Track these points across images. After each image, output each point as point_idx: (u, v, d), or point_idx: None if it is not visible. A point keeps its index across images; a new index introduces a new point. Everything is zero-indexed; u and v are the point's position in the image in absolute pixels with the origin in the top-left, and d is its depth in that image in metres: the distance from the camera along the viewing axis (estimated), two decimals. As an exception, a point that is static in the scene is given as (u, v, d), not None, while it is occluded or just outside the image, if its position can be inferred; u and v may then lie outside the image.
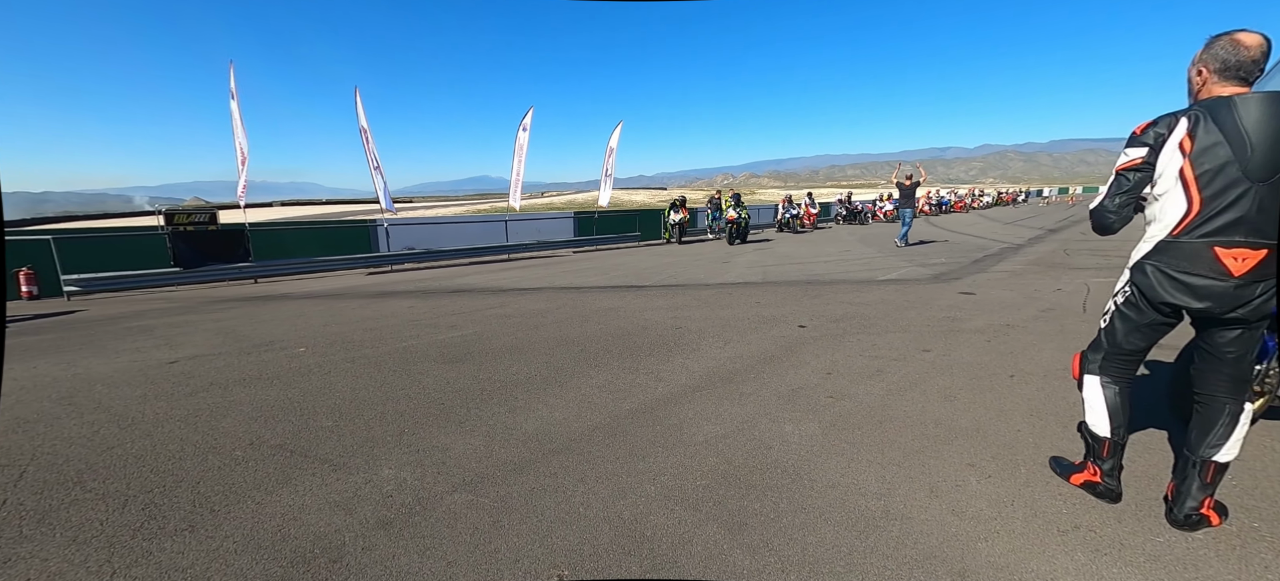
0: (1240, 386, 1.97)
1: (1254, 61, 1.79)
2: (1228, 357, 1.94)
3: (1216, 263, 1.80)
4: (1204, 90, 1.87)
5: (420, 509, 2.32)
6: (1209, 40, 1.87)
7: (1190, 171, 1.80)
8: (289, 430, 3.18)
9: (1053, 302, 6.21)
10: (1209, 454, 2.00)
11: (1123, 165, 1.99)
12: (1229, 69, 1.81)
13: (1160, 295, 1.92)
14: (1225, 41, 1.82)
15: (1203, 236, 1.82)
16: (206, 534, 2.19)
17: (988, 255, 11.34)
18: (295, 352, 4.93)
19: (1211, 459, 2.00)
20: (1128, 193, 1.99)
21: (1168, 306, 1.94)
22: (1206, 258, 1.82)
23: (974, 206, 38.23)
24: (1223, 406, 1.98)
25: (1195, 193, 1.81)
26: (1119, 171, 2.00)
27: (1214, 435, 1.99)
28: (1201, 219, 1.81)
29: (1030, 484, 2.40)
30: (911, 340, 4.77)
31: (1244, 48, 1.78)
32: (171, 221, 10.25)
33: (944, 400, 3.38)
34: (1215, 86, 1.84)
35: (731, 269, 10.68)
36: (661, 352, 4.61)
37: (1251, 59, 1.78)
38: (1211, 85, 1.85)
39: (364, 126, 12.21)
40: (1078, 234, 15.61)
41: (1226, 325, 1.90)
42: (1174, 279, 1.89)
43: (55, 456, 2.92)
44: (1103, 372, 2.19)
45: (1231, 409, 1.97)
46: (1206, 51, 1.86)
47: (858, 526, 2.11)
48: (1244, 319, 1.85)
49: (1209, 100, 1.82)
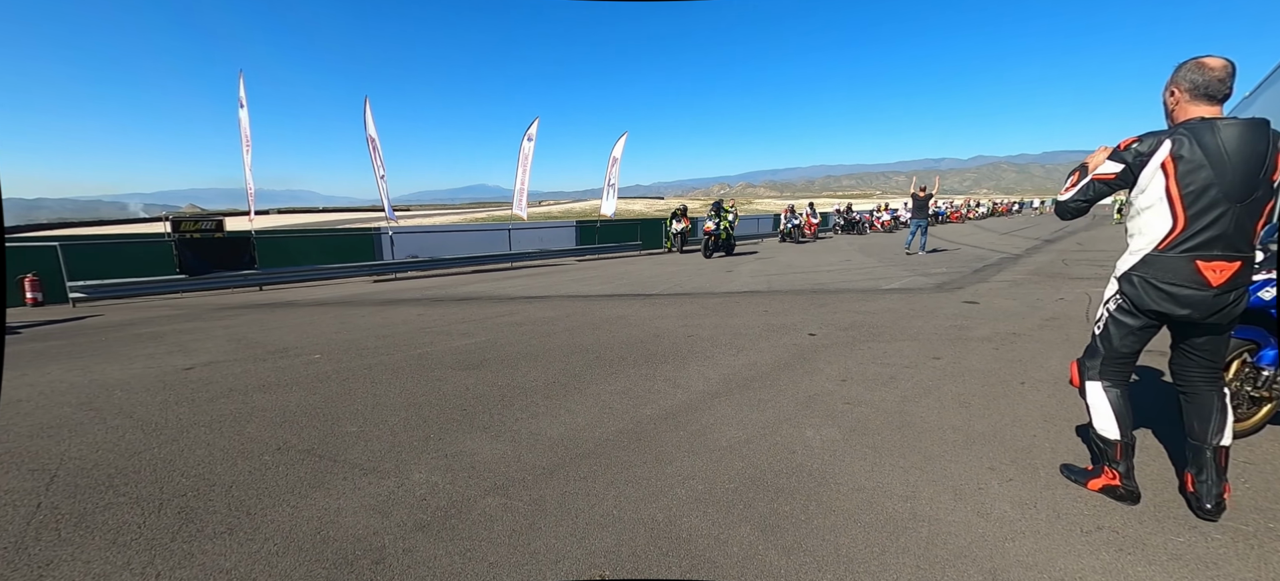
0: (1216, 375, 2.18)
1: (1220, 82, 1.95)
2: (1204, 354, 2.14)
3: (1197, 274, 1.97)
4: (1178, 110, 2.05)
5: (455, 512, 2.36)
6: (1178, 66, 2.05)
7: (1176, 191, 1.96)
8: (315, 435, 3.21)
9: (1056, 312, 6.30)
10: (1217, 440, 2.15)
11: (1099, 175, 2.17)
12: (1198, 89, 1.97)
13: (1147, 304, 2.09)
14: (1192, 65, 1.99)
15: (1186, 251, 1.99)
16: (246, 536, 2.22)
17: (987, 265, 11.46)
18: (311, 359, 4.96)
19: (1221, 445, 2.15)
20: (1091, 199, 2.22)
21: (1154, 313, 2.10)
22: (1188, 270, 1.99)
23: (970, 217, 38.58)
24: (1209, 396, 2.17)
25: (1180, 211, 1.97)
26: (1094, 178, 2.18)
27: (1214, 423, 2.15)
28: (1185, 236, 1.98)
29: (1051, 487, 2.46)
30: (921, 348, 4.84)
31: (1209, 70, 1.95)
32: (178, 229, 10.27)
33: (959, 406, 3.44)
34: (1189, 106, 2.01)
35: (736, 278, 10.76)
36: (676, 360, 4.67)
37: (1218, 79, 1.94)
38: (1185, 106, 2.02)
39: (372, 136, 12.29)
40: (1074, 244, 15.81)
41: (1203, 329, 2.09)
42: (1160, 289, 2.05)
43: (83, 461, 2.95)
44: (1103, 377, 2.30)
45: (1218, 396, 2.17)
46: (1177, 75, 2.04)
47: (887, 528, 2.17)
48: (1218, 323, 2.05)
49: (1192, 123, 1.96)
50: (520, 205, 15.62)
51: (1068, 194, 2.27)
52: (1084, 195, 2.22)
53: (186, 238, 10.32)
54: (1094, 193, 2.20)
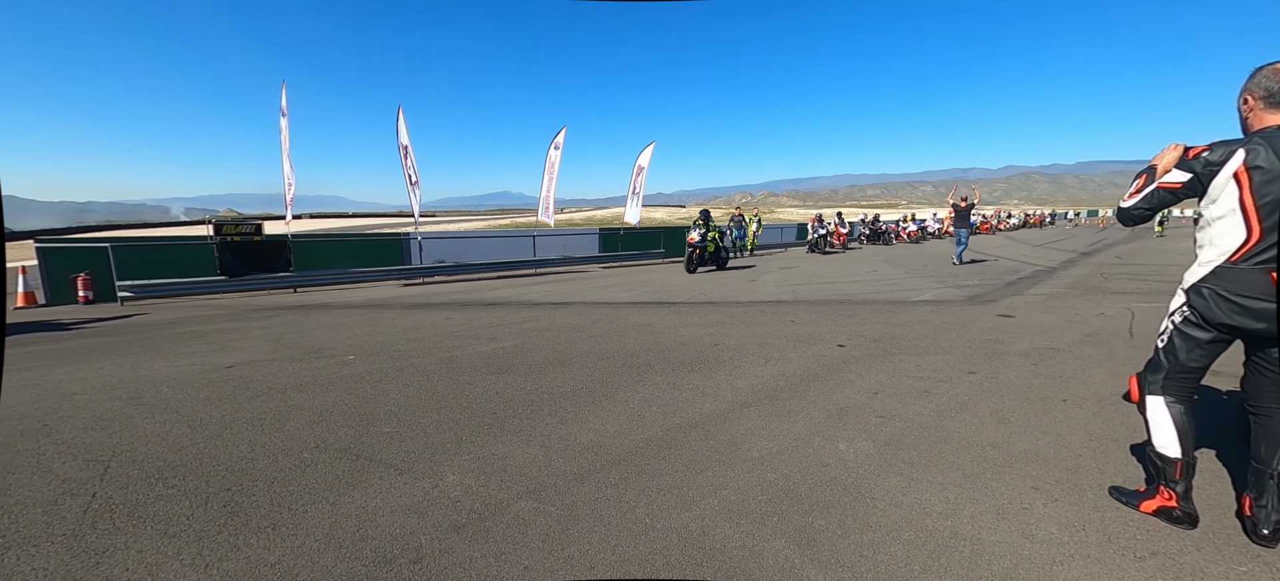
0: None
1: None
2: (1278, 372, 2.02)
3: (1272, 286, 1.89)
4: (1253, 118, 1.98)
5: (490, 514, 2.38)
6: (1253, 72, 1.98)
7: (1251, 202, 1.89)
8: (352, 435, 3.29)
9: (1097, 327, 6.08)
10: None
11: (1165, 184, 2.11)
12: (1273, 96, 1.91)
13: (1218, 317, 2.00)
14: (1268, 71, 1.93)
15: (1260, 263, 1.91)
16: (288, 531, 2.28)
17: (1021, 278, 11.14)
18: (345, 360, 5.09)
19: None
20: (1155, 207, 2.15)
21: (1226, 327, 2.01)
22: (1263, 283, 1.90)
23: (1000, 228, 37.59)
24: None
25: (1255, 222, 1.89)
26: (1160, 187, 2.12)
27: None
28: (1261, 247, 1.90)
29: (1099, 508, 2.36)
30: (955, 362, 4.72)
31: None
32: (220, 231, 10.67)
33: (997, 423, 3.34)
34: (1265, 115, 1.94)
35: (760, 287, 10.68)
36: (703, 368, 4.65)
37: None
38: (1260, 114, 1.95)
39: (405, 144, 12.60)
40: (1112, 257, 15.26)
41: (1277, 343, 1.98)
42: (1231, 302, 1.96)
43: (134, 454, 3.07)
44: (1165, 392, 2.21)
45: None
46: (1251, 81, 1.97)
47: (928, 546, 2.11)
48: None
49: (1268, 132, 1.90)
50: (546, 212, 15.80)
51: (1131, 200, 2.22)
52: (1148, 203, 2.16)
53: (227, 240, 10.72)
54: (1158, 201, 2.14)
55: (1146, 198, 2.16)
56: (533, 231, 15.97)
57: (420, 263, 13.37)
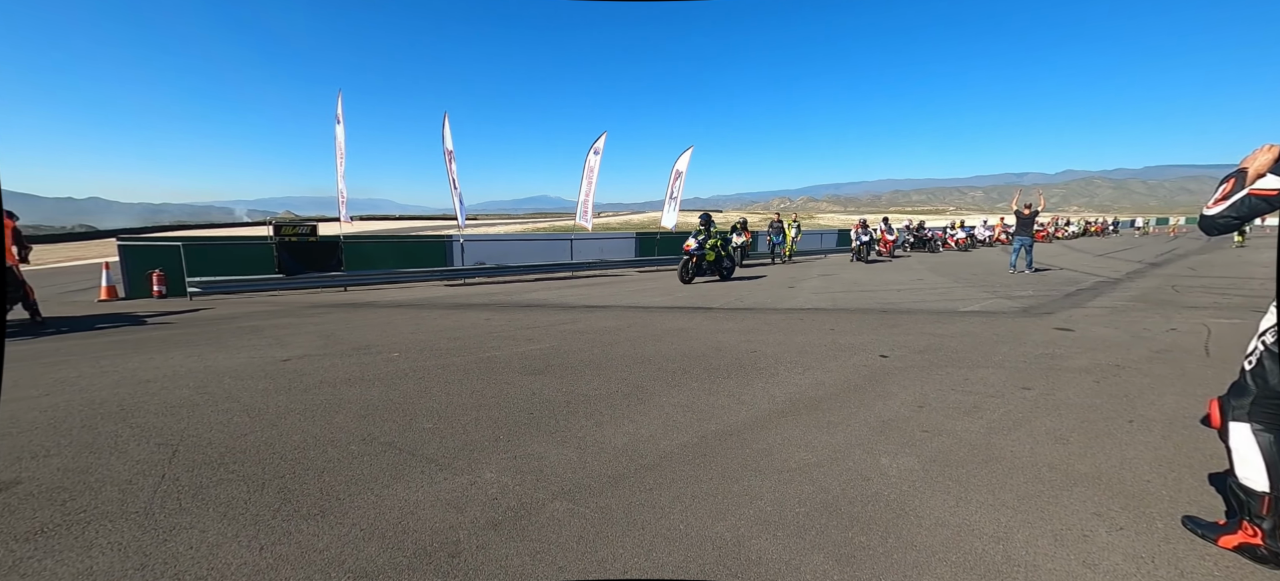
0: None
1: None
2: None
3: None
4: None
5: (526, 513, 2.42)
6: None
7: None
8: (395, 429, 3.40)
9: (1167, 343, 5.66)
10: None
11: (1259, 190, 1.94)
12: None
13: None
14: None
15: None
16: (336, 520, 2.38)
17: (1081, 289, 10.50)
18: (390, 357, 5.28)
19: None
20: (1245, 216, 1.98)
21: None
22: None
23: (1058, 235, 35.58)
24: None
25: None
26: (1251, 194, 1.95)
27: None
28: None
29: (1170, 540, 2.19)
30: (1007, 376, 4.49)
31: None
32: (279, 232, 11.29)
33: (1055, 442, 3.15)
34: None
35: (798, 294, 10.47)
36: (739, 375, 4.58)
37: None
38: None
39: (449, 149, 13.02)
40: (1184, 268, 14.19)
41: None
42: None
43: (199, 440, 3.27)
44: (1252, 419, 2.01)
45: None
46: None
47: (977, 569, 2.01)
48: None
49: None
50: (584, 216, 15.99)
51: (1216, 207, 2.02)
52: (1236, 211, 1.97)
53: (285, 240, 11.33)
54: (1249, 209, 1.95)
55: (1235, 205, 1.98)
56: (570, 235, 16.18)
57: (462, 264, 13.77)
